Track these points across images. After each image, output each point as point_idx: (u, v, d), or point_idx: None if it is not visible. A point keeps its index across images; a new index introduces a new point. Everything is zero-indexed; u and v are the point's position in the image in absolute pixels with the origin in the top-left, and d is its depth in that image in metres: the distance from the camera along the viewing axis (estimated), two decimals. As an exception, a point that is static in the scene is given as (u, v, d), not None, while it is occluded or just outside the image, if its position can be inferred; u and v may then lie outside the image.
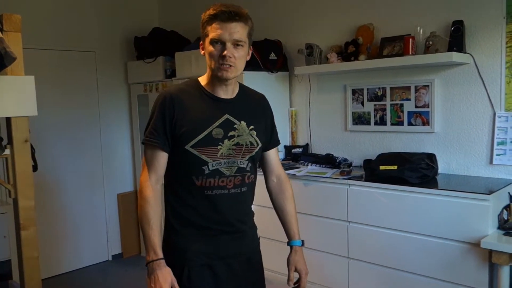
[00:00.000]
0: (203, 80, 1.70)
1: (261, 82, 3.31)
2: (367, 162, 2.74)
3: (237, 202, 1.71)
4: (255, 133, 1.72)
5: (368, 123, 3.10)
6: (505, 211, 2.34)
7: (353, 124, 3.19)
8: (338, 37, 3.20)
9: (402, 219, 2.53)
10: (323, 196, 2.88)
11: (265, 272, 1.93)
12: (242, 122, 1.70)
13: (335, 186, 2.82)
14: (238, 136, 1.68)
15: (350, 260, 2.79)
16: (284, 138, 3.52)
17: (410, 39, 2.68)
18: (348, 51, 3.04)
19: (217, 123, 1.65)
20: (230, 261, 1.71)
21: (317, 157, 3.24)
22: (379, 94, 3.03)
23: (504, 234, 2.20)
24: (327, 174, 2.88)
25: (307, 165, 3.18)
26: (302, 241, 1.89)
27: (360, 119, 3.15)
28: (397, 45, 2.83)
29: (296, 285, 1.83)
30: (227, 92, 1.69)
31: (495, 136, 2.58)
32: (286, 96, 3.55)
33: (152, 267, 1.57)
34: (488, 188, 2.44)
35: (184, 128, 1.62)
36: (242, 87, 1.77)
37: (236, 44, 1.59)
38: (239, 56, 1.60)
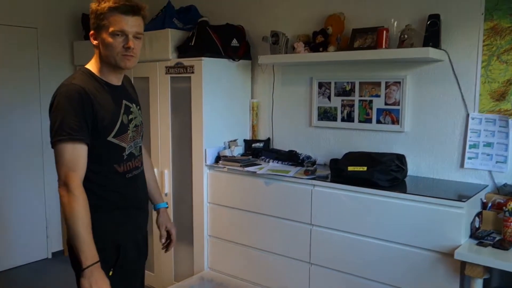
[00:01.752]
0: (93, 69, 1.74)
1: (221, 70, 3.06)
2: (334, 162, 2.55)
3: (143, 179, 1.93)
4: (140, 112, 1.90)
5: (335, 119, 2.91)
6: (477, 219, 2.21)
7: (319, 120, 2.99)
8: (306, 26, 2.98)
9: (368, 224, 2.36)
10: (286, 197, 2.67)
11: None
12: (133, 105, 1.84)
13: (298, 187, 2.62)
14: (135, 118, 1.82)
15: (311, 265, 2.61)
16: (244, 131, 3.28)
17: (384, 31, 2.50)
18: (317, 41, 2.82)
19: (122, 110, 1.75)
20: (143, 233, 1.93)
21: (280, 153, 3.03)
22: (347, 89, 2.85)
23: (477, 244, 2.07)
24: (290, 173, 2.67)
25: (268, 162, 2.96)
26: (166, 203, 2.11)
27: (326, 115, 2.96)
28: (369, 37, 2.64)
29: (167, 241, 2.09)
30: (119, 79, 1.79)
31: (468, 138, 2.46)
32: (248, 86, 3.30)
33: (91, 271, 1.55)
34: (458, 193, 2.31)
35: (106, 121, 1.67)
36: None
37: (136, 36, 1.69)
38: (139, 47, 1.72)
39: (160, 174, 3.31)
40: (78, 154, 1.59)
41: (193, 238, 3.17)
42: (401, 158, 2.49)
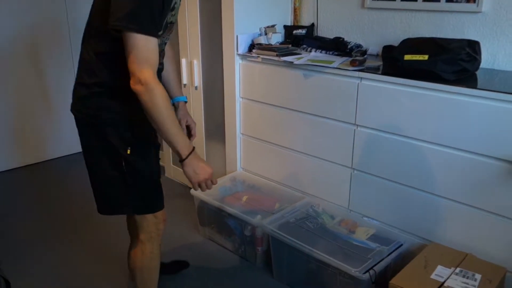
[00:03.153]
0: None
1: None
2: (387, 50, 2.09)
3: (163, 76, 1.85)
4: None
5: (393, -2, 2.37)
6: None
7: None
8: None
9: (427, 126, 1.94)
10: (327, 92, 2.27)
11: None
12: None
13: (342, 80, 2.19)
14: (175, 14, 1.62)
15: (354, 171, 2.27)
16: (284, 16, 2.81)
17: None
18: None
19: (171, 5, 1.54)
20: None
21: (324, 41, 2.56)
22: (411, -43, 2.26)
23: None
24: (334, 64, 2.24)
25: (310, 51, 2.52)
26: (186, 97, 2.01)
27: (382, -7, 2.41)
28: None
29: (190, 135, 2.03)
30: None
31: None
32: (290, -40, 2.76)
33: (191, 159, 1.58)
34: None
35: (168, 18, 1.54)
36: None
37: None
38: None
39: (190, 65, 2.97)
40: (154, 49, 1.46)
41: (224, 136, 2.89)
42: (473, 45, 1.98)
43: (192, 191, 2.64)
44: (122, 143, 1.63)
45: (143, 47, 1.42)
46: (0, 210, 3.07)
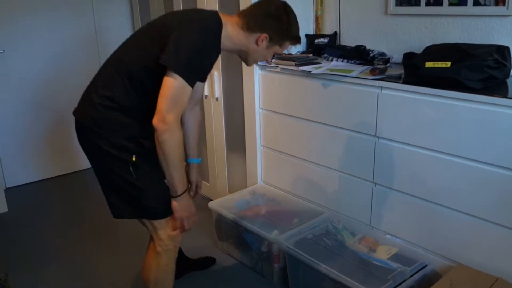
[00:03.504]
0: (227, 30, 1.66)
1: None
2: (408, 57, 1.97)
3: None
4: None
5: (418, 3, 2.24)
6: None
7: (397, 5, 2.34)
8: None
9: (451, 137, 1.81)
10: (346, 102, 2.17)
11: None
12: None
13: (362, 89, 2.09)
14: None
15: (375, 185, 2.15)
16: (306, 24, 2.73)
17: None
18: None
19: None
20: None
21: (346, 49, 2.46)
22: (436, -40, 2.14)
23: None
24: (353, 73, 2.14)
25: (331, 60, 2.43)
26: (200, 159, 2.20)
27: (406, -2, 2.30)
28: None
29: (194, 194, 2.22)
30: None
31: None
32: (312, -32, 2.69)
33: (183, 197, 1.69)
34: None
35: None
36: None
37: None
38: None
39: (210, 76, 2.93)
40: (186, 95, 1.55)
41: (245, 148, 2.83)
42: (503, 51, 1.83)
43: (210, 203, 2.59)
44: (126, 152, 1.65)
45: (180, 92, 1.51)
46: (34, 218, 3.12)
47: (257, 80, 2.60)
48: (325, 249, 2.10)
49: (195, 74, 1.55)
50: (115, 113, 1.63)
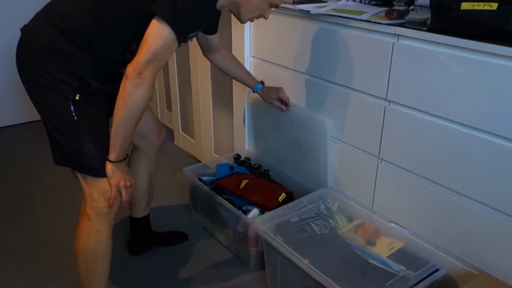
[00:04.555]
0: None
1: None
2: (438, -5, 1.46)
3: None
4: None
5: None
6: None
7: None
8: None
9: (486, 109, 1.33)
10: (351, 53, 1.69)
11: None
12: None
13: (373, 38, 1.60)
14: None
15: (382, 161, 1.71)
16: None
17: None
18: None
19: (189, 41, 1.65)
20: None
21: (359, -13, 1.94)
22: None
23: None
24: (364, 15, 1.64)
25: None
26: (261, 81, 2.01)
27: None
28: None
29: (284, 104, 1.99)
30: None
31: None
32: None
33: (125, 164, 1.52)
34: None
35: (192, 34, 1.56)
36: None
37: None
38: None
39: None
40: (170, 53, 1.38)
41: (232, 105, 2.39)
42: None
43: (184, 169, 2.19)
44: (67, 88, 1.42)
45: (166, 47, 1.34)
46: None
47: (248, 23, 2.11)
48: (310, 238, 1.68)
49: (185, 27, 1.38)
50: (68, 43, 1.41)
